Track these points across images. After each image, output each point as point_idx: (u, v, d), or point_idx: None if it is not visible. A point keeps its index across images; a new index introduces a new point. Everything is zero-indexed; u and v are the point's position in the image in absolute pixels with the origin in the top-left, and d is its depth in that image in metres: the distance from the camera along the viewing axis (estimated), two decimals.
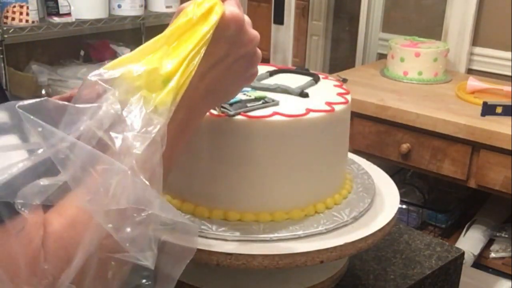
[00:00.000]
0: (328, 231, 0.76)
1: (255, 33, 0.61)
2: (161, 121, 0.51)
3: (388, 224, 0.80)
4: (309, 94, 0.83)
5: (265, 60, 0.99)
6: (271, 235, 0.73)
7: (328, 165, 0.80)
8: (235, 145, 0.74)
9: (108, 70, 0.52)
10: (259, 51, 0.63)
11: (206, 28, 0.56)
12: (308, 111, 0.75)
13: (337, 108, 0.78)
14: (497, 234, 2.03)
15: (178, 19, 0.57)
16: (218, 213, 0.76)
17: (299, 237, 0.74)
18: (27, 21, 1.90)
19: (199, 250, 0.69)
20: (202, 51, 0.56)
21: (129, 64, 0.53)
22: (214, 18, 0.56)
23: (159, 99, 0.52)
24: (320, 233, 0.75)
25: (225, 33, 0.57)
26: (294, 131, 0.75)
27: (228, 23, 0.57)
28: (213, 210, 0.76)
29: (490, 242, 2.02)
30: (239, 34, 0.59)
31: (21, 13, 1.89)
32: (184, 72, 0.54)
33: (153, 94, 0.53)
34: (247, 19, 0.60)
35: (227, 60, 0.59)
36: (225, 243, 0.72)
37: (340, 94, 0.84)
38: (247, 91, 0.80)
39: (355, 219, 0.79)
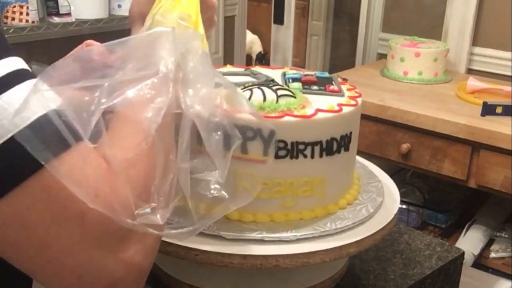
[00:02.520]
0: (328, 231, 0.76)
1: (214, 0, 0.69)
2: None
3: (388, 224, 0.80)
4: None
5: (265, 60, 1.00)
6: (271, 235, 0.73)
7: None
8: None
9: (164, 17, 0.59)
10: (215, 17, 0.70)
11: None
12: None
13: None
14: (497, 234, 2.03)
15: None
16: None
17: (299, 238, 0.74)
18: (27, 21, 1.90)
19: (193, 249, 0.69)
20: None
21: (175, 11, 0.59)
22: None
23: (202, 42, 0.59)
24: (320, 233, 0.75)
25: None
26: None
27: None
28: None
29: (490, 242, 2.02)
30: (204, 0, 0.65)
31: (21, 13, 1.88)
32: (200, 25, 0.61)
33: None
34: None
35: None
36: (223, 243, 0.72)
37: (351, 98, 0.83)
38: None
39: (355, 219, 0.79)
